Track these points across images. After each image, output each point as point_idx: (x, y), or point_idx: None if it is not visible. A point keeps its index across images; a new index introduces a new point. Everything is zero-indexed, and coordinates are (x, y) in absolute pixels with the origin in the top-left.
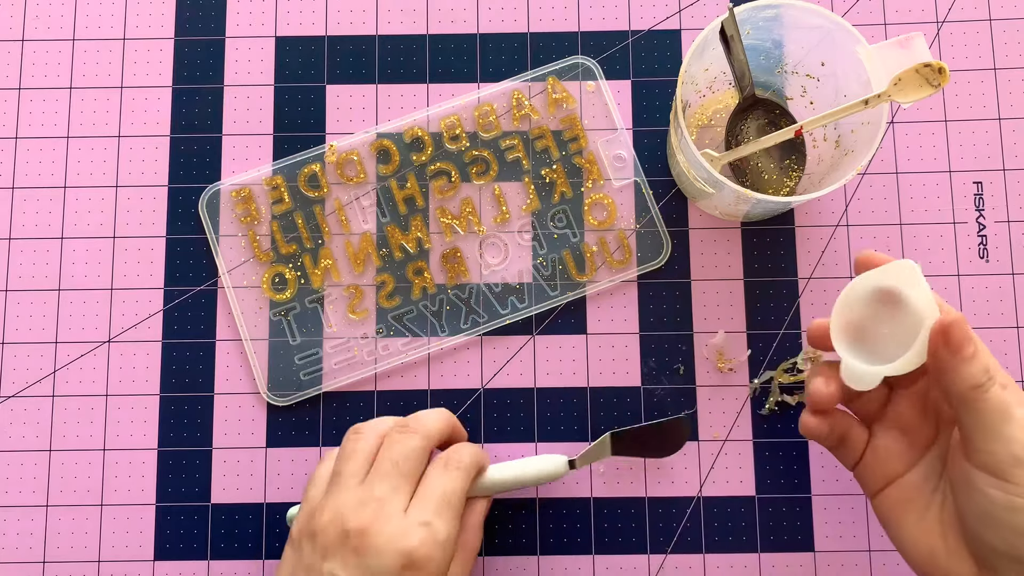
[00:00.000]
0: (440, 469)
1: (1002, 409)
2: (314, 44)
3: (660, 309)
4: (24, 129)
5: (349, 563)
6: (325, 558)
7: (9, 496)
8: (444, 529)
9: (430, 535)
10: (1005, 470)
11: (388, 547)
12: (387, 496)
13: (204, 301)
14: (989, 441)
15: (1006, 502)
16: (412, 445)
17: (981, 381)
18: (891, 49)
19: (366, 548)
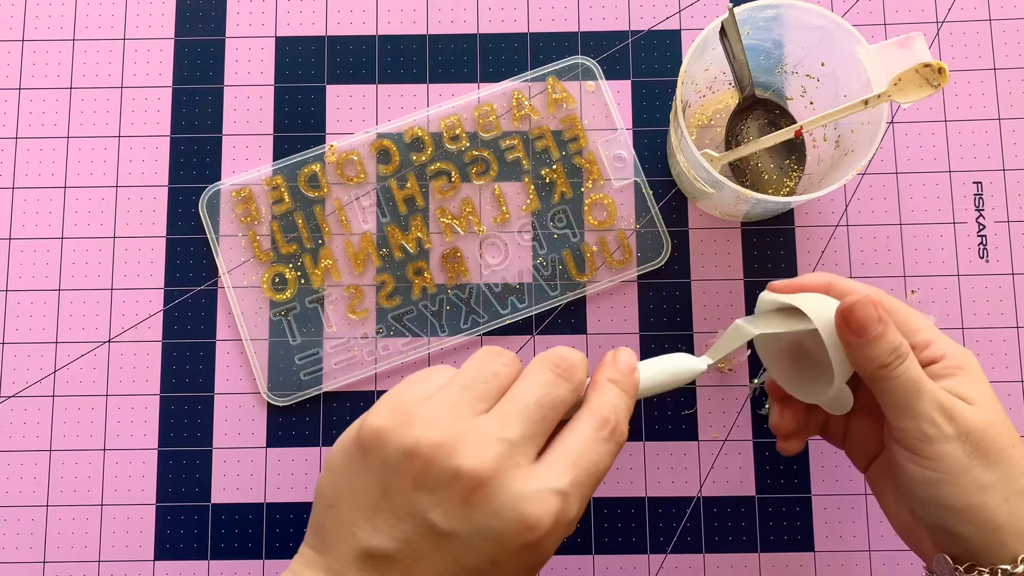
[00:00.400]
0: (595, 428)
1: (911, 386)
2: (314, 44)
3: (660, 309)
4: (24, 129)
5: (454, 512)
6: (419, 489)
7: (9, 496)
8: (577, 507)
9: (563, 510)
10: (917, 446)
11: (510, 509)
12: (519, 443)
13: (204, 301)
14: (901, 418)
15: (922, 477)
16: (562, 395)
17: (887, 360)
18: (891, 49)
19: (481, 501)
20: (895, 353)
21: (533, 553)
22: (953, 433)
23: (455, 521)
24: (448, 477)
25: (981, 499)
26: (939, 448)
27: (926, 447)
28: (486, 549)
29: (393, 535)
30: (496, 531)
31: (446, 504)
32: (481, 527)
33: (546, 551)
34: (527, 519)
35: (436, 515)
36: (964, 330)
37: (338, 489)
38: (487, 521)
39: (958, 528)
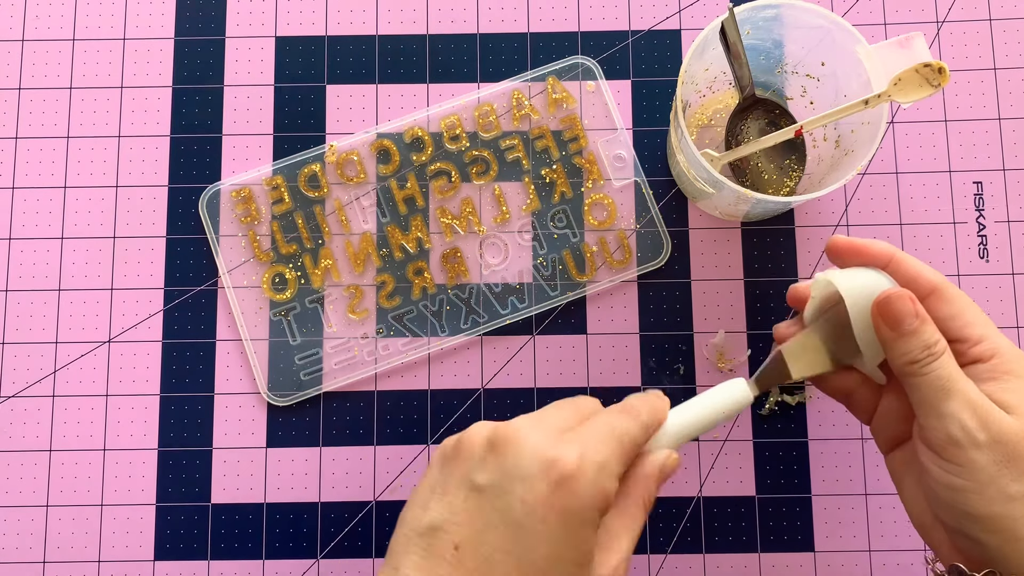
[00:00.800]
0: (613, 412)
1: (941, 385)
2: (314, 44)
3: (660, 309)
4: (24, 129)
5: (488, 467)
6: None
7: (9, 496)
8: (602, 455)
9: (584, 453)
10: (943, 448)
11: (533, 452)
12: (549, 419)
13: (204, 301)
14: (928, 417)
15: (945, 480)
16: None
17: (918, 357)
18: (891, 49)
19: (507, 450)
20: (928, 351)
21: (565, 494)
22: (984, 440)
23: (490, 473)
24: (486, 443)
25: (1007, 509)
26: (967, 455)
27: (953, 451)
28: (515, 489)
29: (442, 508)
30: (522, 470)
31: (484, 463)
32: (510, 470)
33: (579, 494)
34: (550, 456)
35: (477, 475)
36: None
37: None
38: (515, 463)
39: (979, 535)
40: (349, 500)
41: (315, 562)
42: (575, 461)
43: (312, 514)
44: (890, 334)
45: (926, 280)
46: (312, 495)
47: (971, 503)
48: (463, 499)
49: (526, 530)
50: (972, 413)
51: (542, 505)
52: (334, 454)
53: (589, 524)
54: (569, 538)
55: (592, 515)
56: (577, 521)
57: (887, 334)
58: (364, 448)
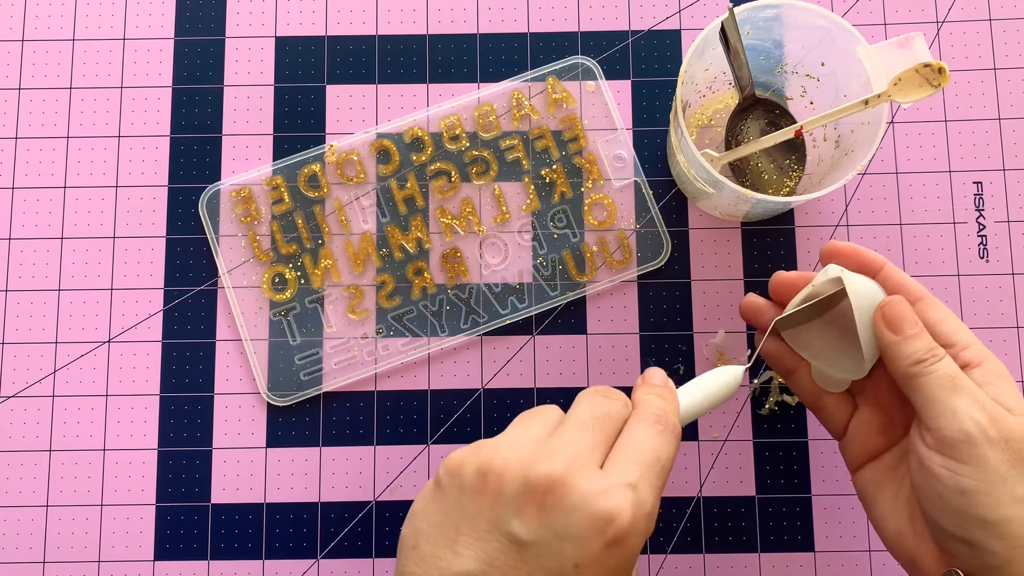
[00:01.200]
0: (648, 425)
1: (949, 382)
2: (314, 44)
3: (660, 309)
4: (24, 129)
5: (530, 519)
6: (496, 505)
7: (9, 496)
8: (651, 498)
9: (638, 502)
10: (954, 446)
11: (584, 506)
12: (584, 450)
13: (204, 301)
14: (937, 416)
15: (954, 483)
16: (616, 408)
17: (924, 356)
18: (891, 49)
19: (556, 504)
20: (932, 351)
21: (618, 551)
22: (996, 437)
23: (533, 528)
24: (521, 486)
25: (1016, 512)
26: (979, 452)
27: (965, 449)
28: (568, 551)
29: (477, 556)
30: (574, 531)
31: (523, 514)
32: (560, 529)
33: (631, 548)
34: (603, 513)
35: (515, 526)
36: None
37: (419, 530)
38: (564, 521)
39: (985, 541)
40: (349, 500)
41: (315, 562)
42: (629, 518)
43: (312, 514)
44: (893, 338)
45: (914, 288)
46: (312, 495)
47: (981, 506)
48: (501, 551)
49: None
50: (982, 409)
51: (594, 564)
52: (334, 454)
53: (632, 567)
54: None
55: (636, 560)
56: (625, 570)
57: (890, 338)
58: (364, 448)
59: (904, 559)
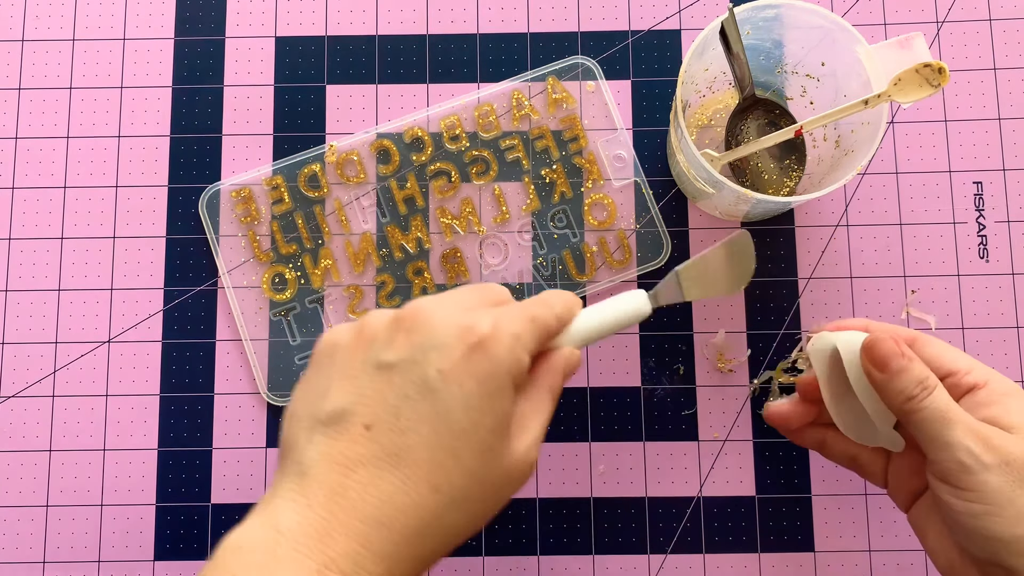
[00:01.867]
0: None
1: (940, 416)
2: (314, 44)
3: (660, 309)
4: (24, 129)
5: (397, 344)
6: (369, 350)
7: (9, 496)
8: (516, 327)
9: (500, 324)
10: (956, 477)
11: (447, 321)
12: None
13: (204, 301)
14: (935, 450)
15: (965, 509)
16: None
17: (913, 393)
18: (891, 49)
19: (422, 324)
20: (921, 385)
21: (480, 357)
22: (992, 462)
23: (400, 350)
24: (392, 323)
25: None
26: (979, 479)
27: (965, 478)
28: (431, 359)
29: (347, 393)
30: (437, 340)
31: (392, 343)
32: (422, 342)
33: (496, 357)
34: (463, 323)
35: (384, 355)
36: (964, 330)
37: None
38: (428, 336)
39: (1008, 560)
40: None
41: None
42: (491, 327)
43: None
44: (881, 376)
45: (905, 332)
46: None
47: (995, 527)
48: (369, 380)
49: (442, 396)
50: (975, 438)
51: (458, 370)
52: None
53: (505, 391)
54: (486, 403)
55: (507, 381)
56: (494, 385)
57: (878, 377)
58: None
59: None
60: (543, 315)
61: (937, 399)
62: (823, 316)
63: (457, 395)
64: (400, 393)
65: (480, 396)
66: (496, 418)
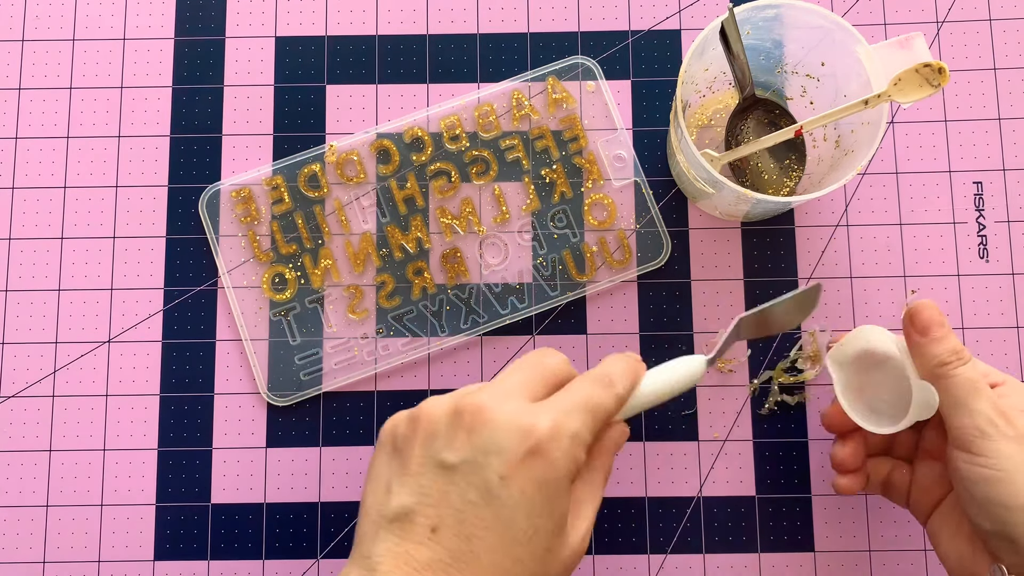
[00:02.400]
0: (590, 381)
1: (970, 385)
2: (314, 44)
3: (660, 309)
4: (24, 129)
5: (458, 443)
6: (429, 445)
7: (9, 496)
8: (575, 425)
9: (559, 424)
10: (971, 442)
11: (507, 421)
12: (512, 385)
13: (204, 301)
14: (959, 416)
15: (976, 475)
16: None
17: (948, 360)
18: (891, 49)
19: (481, 424)
20: (956, 355)
21: (539, 462)
22: (1013, 434)
23: (461, 450)
24: (450, 419)
25: None
26: (995, 445)
27: (982, 443)
28: (492, 463)
29: (411, 491)
30: (497, 443)
31: (453, 441)
32: (484, 445)
33: (552, 462)
34: (523, 424)
35: (446, 454)
36: (964, 330)
37: (364, 492)
38: (488, 438)
39: (1016, 530)
40: (349, 500)
41: (315, 562)
42: (548, 429)
43: (312, 514)
44: (920, 339)
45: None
46: (312, 495)
47: (1005, 494)
48: (432, 479)
49: (505, 503)
50: (998, 411)
51: (519, 475)
52: (334, 454)
53: (564, 493)
54: (547, 507)
55: (566, 484)
56: (553, 490)
57: (917, 340)
58: (364, 448)
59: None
60: (604, 402)
61: (969, 369)
62: (823, 316)
63: (519, 502)
64: (463, 497)
65: (541, 501)
66: (555, 520)
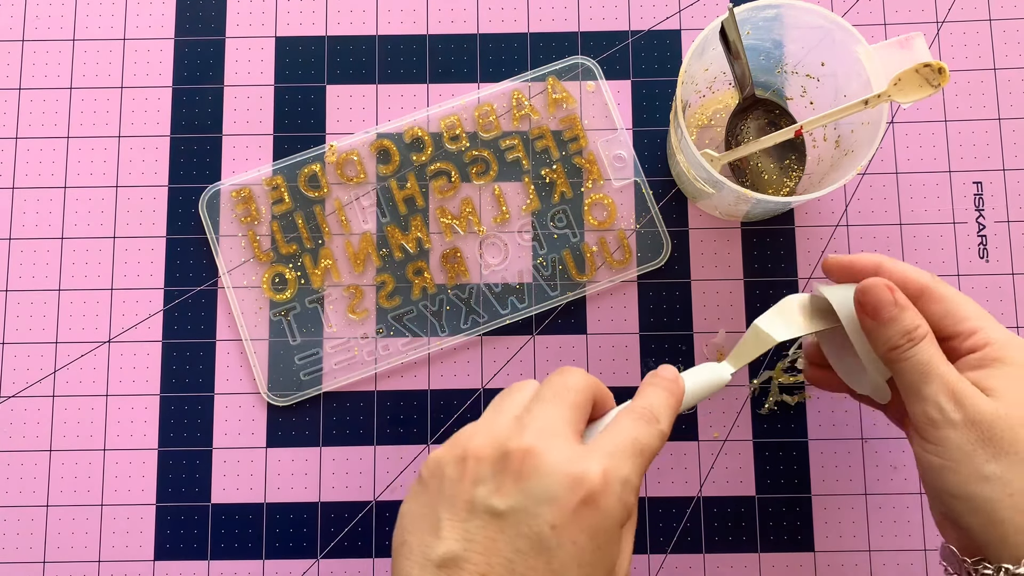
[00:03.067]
0: (634, 418)
1: (921, 370)
2: (314, 44)
3: (660, 309)
4: (24, 129)
5: (507, 489)
6: (476, 486)
7: (9, 496)
8: (626, 468)
9: (610, 471)
10: (923, 430)
11: (558, 469)
12: (553, 421)
13: (204, 301)
14: (911, 402)
15: (926, 460)
16: (574, 379)
17: (898, 343)
18: (891, 49)
19: (531, 470)
20: (907, 336)
21: (592, 512)
22: (959, 419)
23: (511, 497)
24: (498, 463)
25: (982, 490)
26: (942, 434)
27: (930, 431)
28: (543, 513)
29: (458, 536)
30: (549, 492)
31: (501, 487)
32: (535, 493)
33: (605, 510)
34: (575, 473)
35: (494, 500)
36: None
37: (405, 527)
38: (538, 485)
39: (962, 518)
40: (349, 500)
41: (315, 562)
42: (600, 477)
43: (312, 514)
44: (871, 323)
45: (914, 282)
46: (312, 495)
47: (949, 481)
48: (481, 526)
49: (556, 555)
50: (949, 395)
51: (571, 526)
52: (334, 454)
53: (615, 540)
54: (598, 555)
55: (617, 532)
56: (605, 539)
57: (868, 324)
58: (364, 448)
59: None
60: (651, 443)
61: (922, 351)
62: None
63: (571, 552)
64: (513, 547)
65: (593, 550)
66: (606, 567)
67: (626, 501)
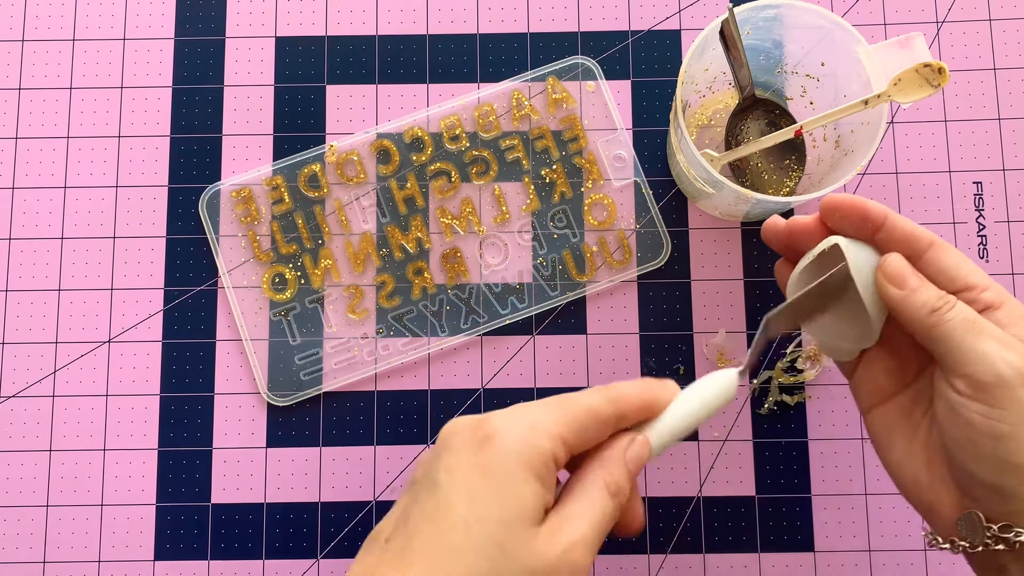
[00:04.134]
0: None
1: (971, 325)
2: (314, 44)
3: (660, 309)
4: (24, 129)
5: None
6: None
7: (9, 496)
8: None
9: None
10: (988, 390)
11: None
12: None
13: (204, 301)
14: (967, 362)
15: (989, 429)
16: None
17: (937, 304)
18: (891, 49)
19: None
20: (944, 298)
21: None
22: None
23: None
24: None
25: None
26: (1016, 394)
27: (1001, 392)
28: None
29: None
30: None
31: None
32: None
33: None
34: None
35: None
36: None
37: None
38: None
39: (1016, 488)
40: (349, 500)
41: (315, 562)
42: (503, 422)
43: (312, 514)
44: (900, 293)
45: (922, 236)
46: (312, 495)
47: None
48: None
49: (444, 490)
50: (1010, 349)
51: (464, 464)
52: (334, 454)
53: (517, 479)
54: (492, 493)
55: (518, 469)
56: (499, 474)
57: (896, 294)
58: (364, 448)
59: (920, 505)
60: (583, 399)
61: (965, 308)
62: None
63: (460, 487)
64: (412, 498)
65: (483, 486)
66: (508, 510)
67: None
